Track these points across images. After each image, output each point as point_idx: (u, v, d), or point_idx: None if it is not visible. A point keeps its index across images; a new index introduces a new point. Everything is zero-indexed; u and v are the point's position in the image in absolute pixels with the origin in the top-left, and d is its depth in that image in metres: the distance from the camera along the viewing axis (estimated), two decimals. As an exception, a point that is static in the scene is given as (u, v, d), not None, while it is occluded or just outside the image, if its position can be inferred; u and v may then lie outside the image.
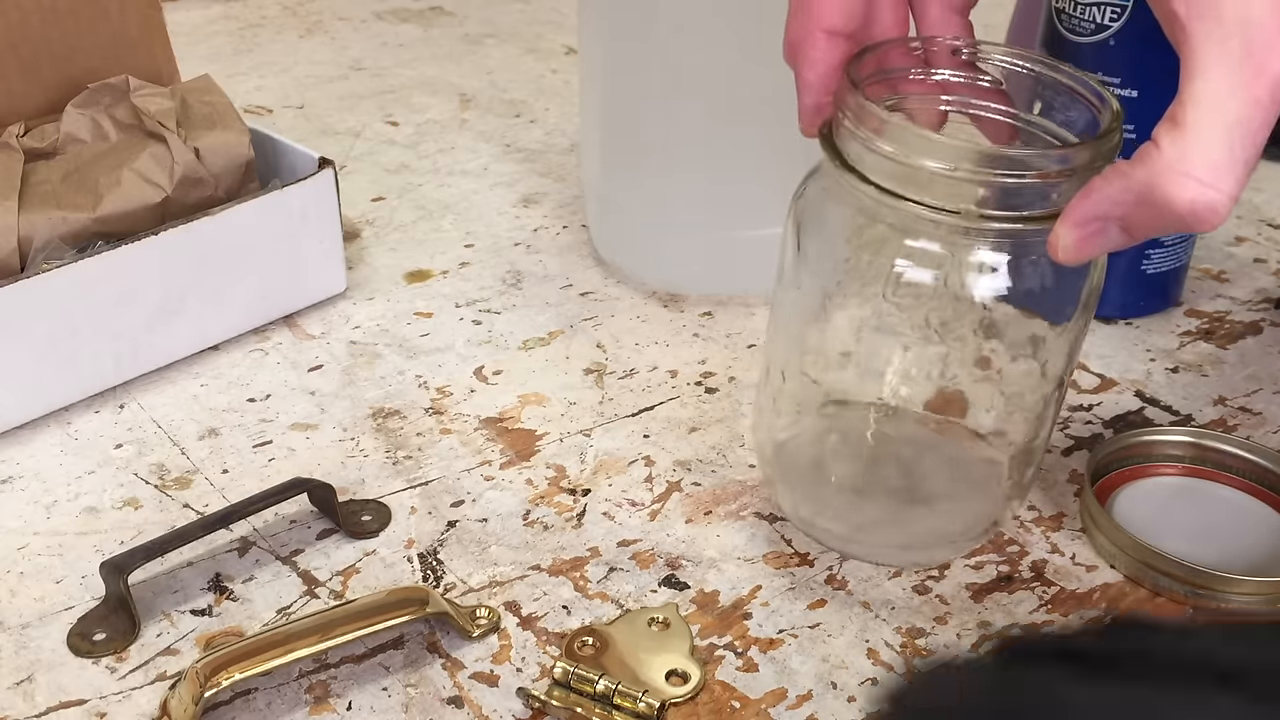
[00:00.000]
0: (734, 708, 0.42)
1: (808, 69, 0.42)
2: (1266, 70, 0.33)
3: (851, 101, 0.39)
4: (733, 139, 0.60)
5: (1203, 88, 0.34)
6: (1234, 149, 0.33)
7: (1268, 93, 0.33)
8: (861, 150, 0.40)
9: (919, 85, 0.43)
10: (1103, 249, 0.37)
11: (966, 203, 0.39)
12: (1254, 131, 0.34)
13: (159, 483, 0.52)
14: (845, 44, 0.41)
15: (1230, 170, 0.34)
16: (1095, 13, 0.56)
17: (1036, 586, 0.47)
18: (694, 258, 0.63)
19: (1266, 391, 0.59)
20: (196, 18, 1.01)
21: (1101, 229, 0.37)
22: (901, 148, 0.39)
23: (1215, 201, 0.34)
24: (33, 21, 0.61)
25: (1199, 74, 0.34)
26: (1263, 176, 0.78)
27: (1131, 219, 0.36)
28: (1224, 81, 0.33)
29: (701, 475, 0.53)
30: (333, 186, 0.61)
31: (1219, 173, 0.34)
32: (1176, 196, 0.34)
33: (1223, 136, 0.33)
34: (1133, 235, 0.36)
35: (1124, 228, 0.36)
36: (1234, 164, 0.34)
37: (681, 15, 0.57)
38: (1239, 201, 0.75)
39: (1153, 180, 0.34)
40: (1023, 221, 0.39)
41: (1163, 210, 0.35)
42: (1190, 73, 0.34)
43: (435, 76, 0.91)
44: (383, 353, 0.60)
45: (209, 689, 0.40)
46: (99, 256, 0.54)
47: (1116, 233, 0.37)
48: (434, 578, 0.47)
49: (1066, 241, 0.37)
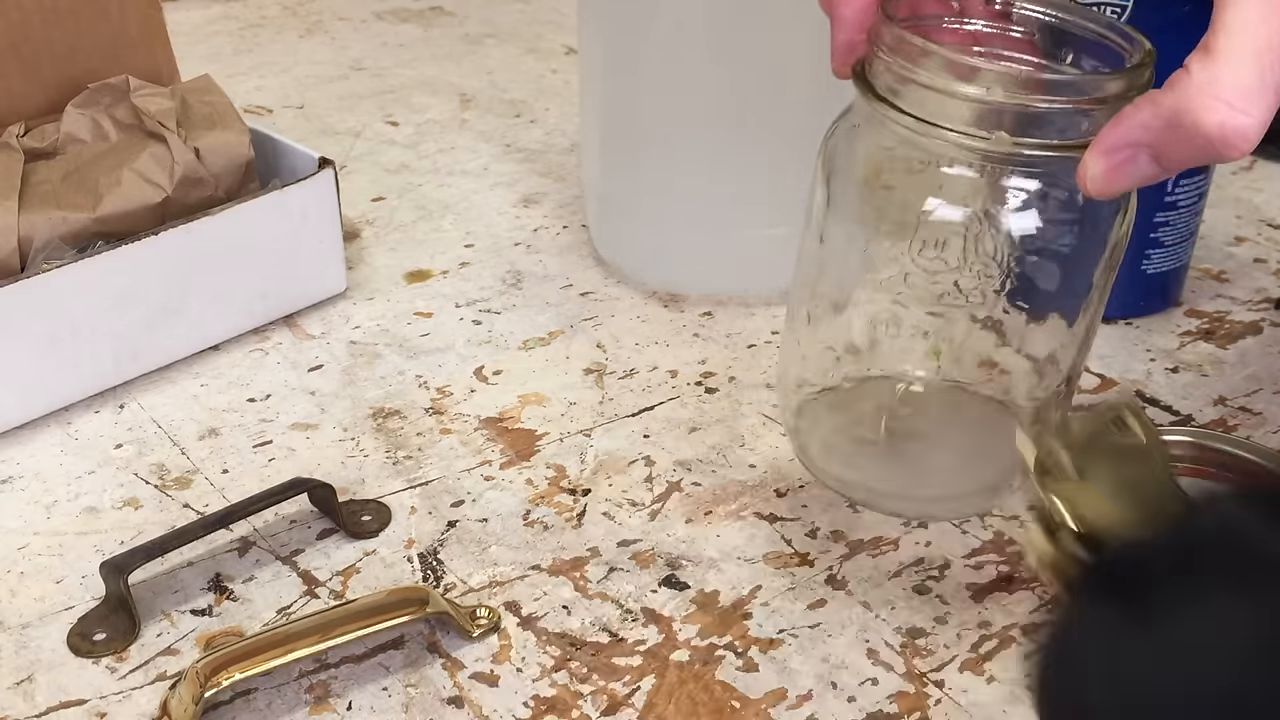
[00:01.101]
0: (734, 708, 0.42)
1: (843, 5, 0.42)
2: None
3: (887, 33, 0.40)
4: (733, 139, 0.60)
5: (1233, 15, 0.34)
6: (1264, 74, 0.33)
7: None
8: (894, 83, 0.40)
9: (951, 34, 0.43)
10: (1133, 180, 0.37)
11: (1000, 130, 0.39)
12: None
13: (159, 483, 0.52)
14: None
15: (1260, 95, 0.34)
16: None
17: (1036, 586, 0.47)
18: (694, 258, 0.63)
19: (1266, 391, 0.59)
20: (196, 18, 1.01)
21: (1131, 157, 0.36)
22: (937, 76, 0.39)
23: (1244, 126, 0.34)
24: (33, 21, 0.61)
25: (1230, 2, 0.34)
26: (1262, 176, 0.78)
27: (1161, 146, 0.36)
28: (1255, 9, 0.33)
29: (701, 475, 0.53)
30: (333, 186, 0.61)
31: (1249, 97, 0.34)
32: (1206, 120, 0.34)
33: (1253, 62, 0.33)
34: (1163, 164, 0.36)
35: (1154, 156, 0.36)
36: (1264, 89, 0.34)
37: (681, 15, 0.57)
38: (1239, 201, 0.75)
39: (1182, 105, 0.34)
40: (1055, 150, 0.39)
41: (1192, 135, 0.34)
42: (1223, 1, 0.34)
43: (435, 76, 0.91)
44: (383, 353, 0.60)
45: (209, 689, 0.40)
46: (99, 256, 0.54)
47: (1147, 161, 0.36)
48: (434, 578, 0.47)
49: (1095, 170, 0.37)
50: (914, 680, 0.43)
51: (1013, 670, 0.44)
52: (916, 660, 0.44)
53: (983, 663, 0.44)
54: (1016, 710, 0.42)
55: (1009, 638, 0.45)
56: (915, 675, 0.43)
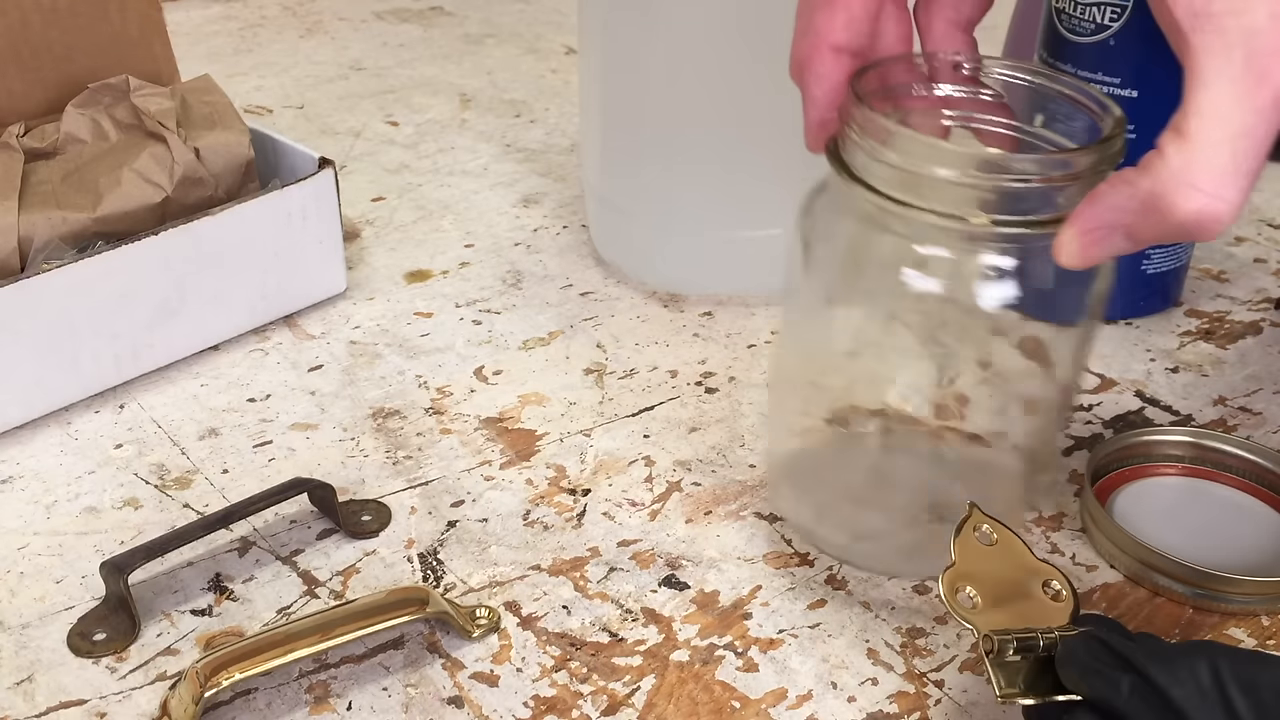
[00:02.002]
0: (734, 708, 0.42)
1: (814, 85, 0.42)
2: (1269, 79, 0.33)
3: (857, 113, 0.40)
4: (733, 139, 0.60)
5: (1205, 98, 0.34)
6: (1238, 159, 0.34)
7: (1270, 102, 0.34)
8: (868, 160, 0.40)
9: (922, 101, 0.43)
10: (1107, 254, 0.38)
11: (972, 209, 0.39)
12: (1258, 141, 0.34)
13: (159, 483, 0.52)
14: (850, 60, 0.42)
15: (1234, 180, 0.34)
16: (1095, 13, 0.56)
17: (1036, 586, 0.47)
18: (694, 258, 0.63)
19: (1266, 391, 0.59)
20: (196, 18, 1.01)
21: (1106, 235, 0.37)
22: (907, 156, 0.39)
23: (1219, 212, 0.34)
24: (33, 21, 0.61)
25: (1202, 84, 0.34)
26: (1263, 176, 0.78)
27: (1136, 226, 0.36)
28: (1227, 92, 0.34)
29: (701, 475, 0.53)
30: (333, 186, 0.61)
31: (1223, 183, 0.34)
32: (1181, 206, 0.34)
33: (1227, 147, 0.34)
34: (1137, 242, 0.37)
35: (1128, 235, 0.37)
36: (1238, 174, 0.34)
37: (681, 15, 0.57)
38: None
39: (1158, 189, 0.35)
40: (1029, 226, 0.39)
41: (1167, 219, 0.35)
42: (1194, 83, 0.34)
43: (435, 76, 0.91)
44: (383, 353, 0.60)
45: (209, 689, 0.40)
46: (99, 256, 0.54)
47: (1121, 239, 0.37)
48: (434, 578, 0.47)
49: (1071, 247, 0.38)
50: (914, 680, 0.43)
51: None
52: (916, 660, 0.44)
53: (983, 663, 0.44)
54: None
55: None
56: (915, 675, 0.43)
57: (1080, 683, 0.36)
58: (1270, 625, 0.46)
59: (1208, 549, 0.47)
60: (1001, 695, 0.37)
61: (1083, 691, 0.36)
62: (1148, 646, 0.35)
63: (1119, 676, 0.35)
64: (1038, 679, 0.38)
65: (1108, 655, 0.36)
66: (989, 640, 0.38)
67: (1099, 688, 0.35)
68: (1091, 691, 0.36)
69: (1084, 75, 0.57)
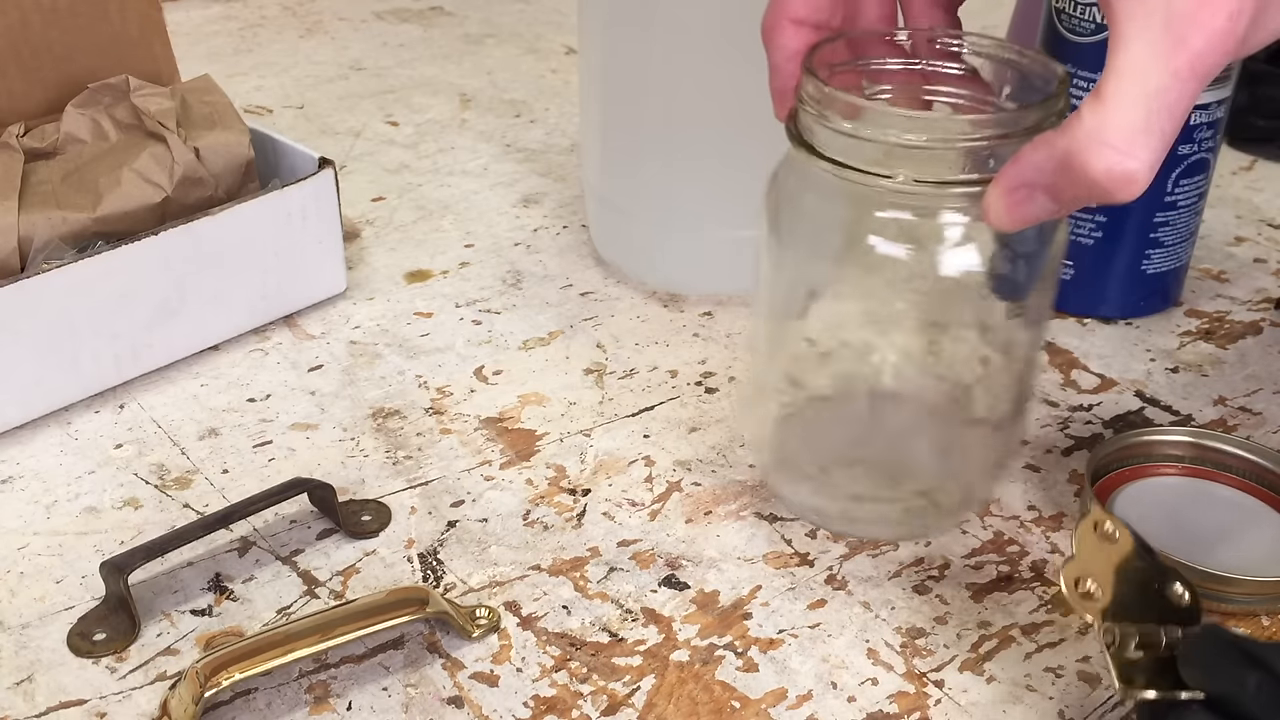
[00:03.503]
0: (734, 708, 0.42)
1: (775, 54, 0.44)
2: (1186, 43, 0.33)
3: (805, 82, 0.41)
4: (733, 138, 0.60)
5: (1124, 60, 0.34)
6: (1150, 119, 0.34)
7: (1187, 65, 0.34)
8: (817, 128, 0.41)
9: (892, 75, 0.44)
10: (1032, 215, 0.38)
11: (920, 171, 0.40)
12: (1172, 103, 0.34)
13: (159, 483, 0.52)
14: (811, 33, 0.43)
15: (1146, 140, 0.34)
16: (1095, 13, 0.56)
17: (1036, 586, 0.47)
18: (694, 258, 0.63)
19: (1266, 391, 0.59)
20: (196, 18, 1.01)
21: (1029, 195, 0.37)
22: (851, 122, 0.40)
23: (1132, 169, 0.34)
24: (33, 21, 0.61)
25: (1122, 47, 0.34)
26: (1262, 176, 0.78)
27: (1055, 186, 0.37)
28: (1144, 54, 0.34)
29: (701, 475, 0.53)
30: (333, 186, 0.61)
31: (1135, 142, 0.34)
32: (1094, 164, 0.35)
33: (1140, 107, 0.34)
34: (1059, 202, 0.37)
35: (1050, 194, 0.37)
36: (1149, 134, 0.34)
37: (681, 15, 0.57)
38: (1239, 201, 0.75)
39: (1072, 148, 0.35)
40: (961, 185, 0.40)
41: (1081, 177, 0.35)
42: (1114, 46, 0.34)
43: (435, 76, 0.91)
44: (383, 353, 0.60)
45: (209, 689, 0.40)
46: (99, 256, 0.54)
47: (1044, 199, 0.37)
48: (434, 578, 0.47)
49: (997, 207, 0.38)
50: (914, 680, 0.43)
51: (1012, 670, 0.44)
52: (916, 660, 0.44)
53: (983, 663, 0.44)
54: (1016, 710, 0.42)
55: (1009, 638, 0.45)
56: (915, 675, 0.43)
57: (1205, 679, 0.35)
58: (1270, 625, 0.46)
59: (1208, 549, 0.47)
60: (1122, 689, 0.37)
61: (1207, 688, 0.35)
62: (1276, 646, 0.35)
63: (1246, 673, 0.34)
64: (1157, 676, 0.37)
65: (1235, 652, 0.35)
66: (1110, 632, 0.37)
67: (1225, 684, 0.35)
68: (1217, 688, 0.35)
69: (1084, 75, 0.57)
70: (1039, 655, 0.44)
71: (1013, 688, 0.43)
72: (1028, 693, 0.43)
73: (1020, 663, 0.44)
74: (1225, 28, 0.33)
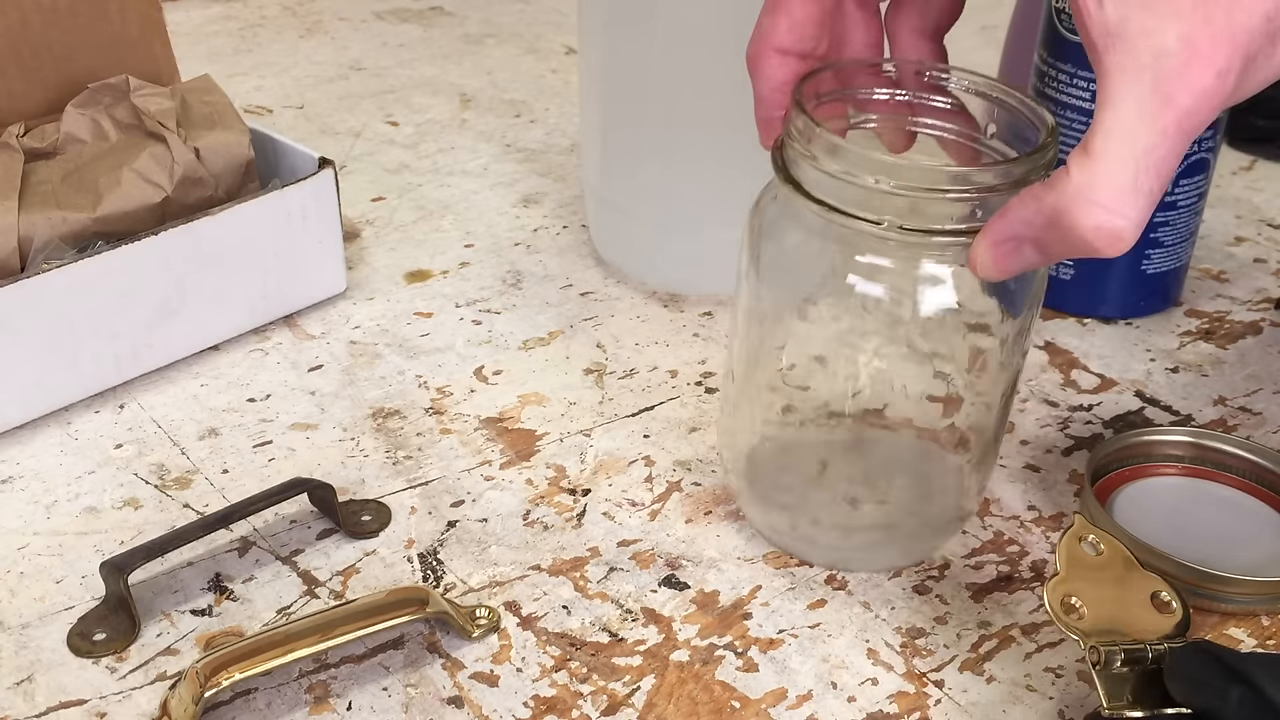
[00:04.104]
0: (734, 708, 0.42)
1: (761, 84, 0.43)
2: (1174, 102, 0.34)
3: (793, 118, 0.41)
4: (732, 138, 0.59)
5: (1112, 117, 0.34)
6: (1139, 178, 0.34)
7: (1174, 123, 0.34)
8: (802, 163, 0.41)
9: (878, 105, 0.44)
10: (1019, 266, 0.38)
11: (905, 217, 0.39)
12: (1159, 161, 0.34)
13: (159, 483, 0.52)
14: (797, 63, 0.43)
15: (1134, 199, 0.34)
16: (1095, 13, 0.56)
17: (1036, 586, 0.47)
18: (694, 258, 0.63)
19: (1266, 391, 0.59)
20: (196, 18, 1.01)
21: (1016, 248, 0.38)
22: (839, 162, 0.40)
23: (1118, 228, 0.35)
24: (33, 21, 0.61)
25: (1110, 103, 0.34)
26: (1262, 176, 0.78)
27: (1043, 240, 0.37)
28: (1133, 112, 0.34)
29: (701, 475, 0.53)
30: (333, 186, 0.61)
31: (1123, 200, 0.34)
32: (1081, 222, 0.35)
33: (1129, 165, 0.34)
34: (1046, 255, 0.37)
35: (1037, 248, 0.37)
36: (1138, 193, 0.34)
37: (681, 15, 0.57)
38: (1239, 201, 0.75)
39: (1060, 205, 0.35)
40: (947, 235, 0.40)
41: (1069, 234, 0.35)
42: (1103, 101, 0.34)
43: (435, 76, 0.91)
44: (383, 353, 0.60)
45: (209, 689, 0.40)
46: (99, 256, 0.54)
47: (1031, 252, 0.38)
48: (434, 578, 0.47)
49: (985, 259, 0.38)
50: (914, 680, 0.43)
51: (1012, 670, 0.44)
52: (916, 660, 0.44)
53: (983, 663, 0.44)
54: (1016, 710, 0.42)
55: (1009, 638, 0.45)
56: (915, 675, 0.43)
57: (1189, 694, 0.36)
58: (1270, 625, 0.46)
59: (1208, 549, 0.47)
60: (1108, 708, 0.37)
61: (1191, 703, 0.36)
62: (1259, 659, 0.35)
63: (1228, 687, 0.34)
64: (1145, 691, 0.37)
65: (1217, 666, 0.35)
66: (1095, 651, 0.38)
67: (1208, 699, 0.35)
68: (1200, 703, 0.35)
69: (1084, 75, 0.57)
70: (1039, 655, 0.44)
71: (1013, 688, 0.43)
72: (1028, 693, 0.43)
73: (1020, 663, 0.44)
74: (1213, 86, 0.33)
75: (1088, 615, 0.39)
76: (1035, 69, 0.61)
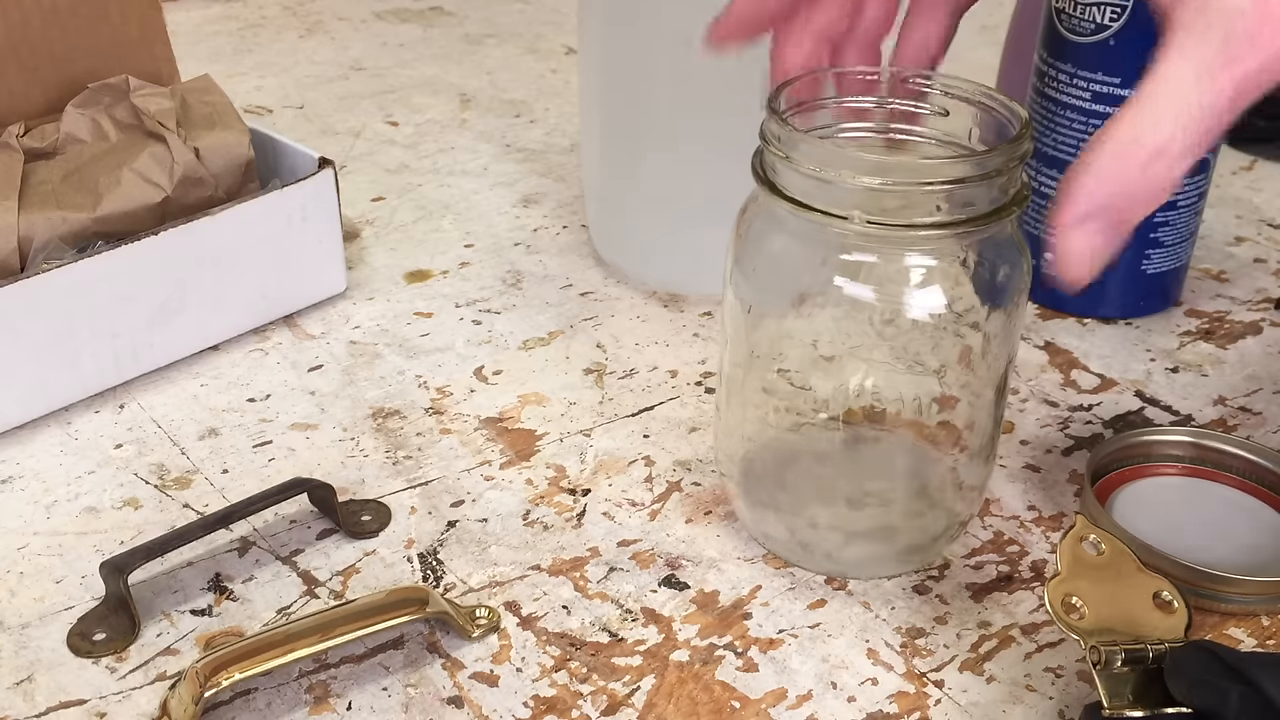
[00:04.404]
0: (734, 708, 0.42)
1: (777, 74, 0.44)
2: (1240, 62, 0.33)
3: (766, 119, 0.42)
4: (733, 139, 0.59)
5: (1170, 67, 0.34)
6: (1186, 128, 0.34)
7: (1230, 83, 0.33)
8: (777, 166, 0.41)
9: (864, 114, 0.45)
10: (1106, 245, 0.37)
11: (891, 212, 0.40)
12: (1206, 115, 0.34)
13: (159, 483, 0.52)
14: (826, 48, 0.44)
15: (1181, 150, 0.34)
16: (1095, 13, 0.56)
17: (1036, 586, 0.47)
18: (694, 258, 0.63)
19: (1266, 391, 0.59)
20: (196, 18, 1.01)
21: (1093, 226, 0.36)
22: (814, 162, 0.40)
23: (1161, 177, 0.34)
24: (33, 21, 0.61)
25: (1172, 54, 0.34)
26: (1262, 176, 0.78)
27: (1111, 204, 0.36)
28: (1192, 69, 0.34)
29: (701, 475, 0.53)
30: (333, 186, 0.61)
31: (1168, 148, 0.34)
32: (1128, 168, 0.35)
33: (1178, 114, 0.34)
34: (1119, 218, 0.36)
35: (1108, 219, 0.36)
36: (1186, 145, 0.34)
37: (681, 14, 0.57)
38: (1239, 201, 0.75)
39: (1118, 150, 0.35)
40: (929, 229, 0.40)
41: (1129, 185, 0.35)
42: (1165, 53, 0.34)
43: (435, 76, 0.91)
44: (383, 353, 0.60)
45: (209, 689, 0.40)
46: (99, 256, 0.54)
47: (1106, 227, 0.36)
48: (434, 578, 0.47)
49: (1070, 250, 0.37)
50: (914, 680, 0.43)
51: (1012, 670, 0.44)
52: (916, 660, 0.44)
53: (983, 663, 0.44)
54: (1016, 710, 0.42)
55: (1009, 638, 0.45)
56: (915, 675, 0.43)
57: (1189, 694, 0.36)
58: (1270, 625, 0.46)
59: (1208, 549, 0.47)
60: (1108, 708, 0.37)
61: (1191, 702, 0.36)
62: (1259, 659, 0.35)
63: (1228, 687, 0.34)
64: (1145, 691, 0.37)
65: (1218, 666, 0.35)
66: (1096, 651, 0.38)
67: (1207, 699, 0.35)
68: (1200, 703, 0.35)
69: (1084, 75, 0.57)
70: (1039, 655, 0.44)
71: (1013, 688, 0.43)
72: (1028, 693, 0.43)
73: (1020, 663, 0.44)
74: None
75: (1088, 615, 0.39)
76: (1035, 69, 0.61)
